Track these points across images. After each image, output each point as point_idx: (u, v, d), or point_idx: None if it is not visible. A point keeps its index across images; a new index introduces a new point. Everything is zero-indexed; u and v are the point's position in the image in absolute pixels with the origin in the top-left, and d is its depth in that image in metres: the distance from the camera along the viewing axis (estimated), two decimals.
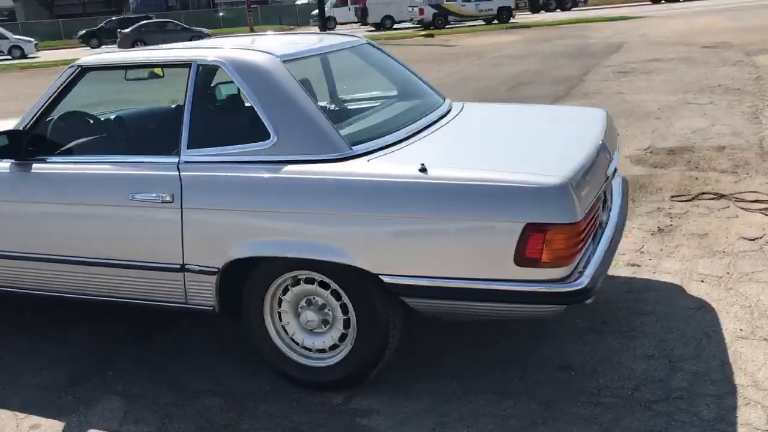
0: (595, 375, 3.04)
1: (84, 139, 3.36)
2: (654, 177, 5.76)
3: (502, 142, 3.33)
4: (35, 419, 2.99)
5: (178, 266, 3.06)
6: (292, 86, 3.02)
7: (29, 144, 3.31)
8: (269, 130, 2.95)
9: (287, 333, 3.07)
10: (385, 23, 35.01)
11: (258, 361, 3.16)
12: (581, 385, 2.97)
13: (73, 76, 3.33)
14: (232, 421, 2.90)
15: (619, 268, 4.08)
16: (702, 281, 3.83)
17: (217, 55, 3.15)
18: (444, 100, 3.92)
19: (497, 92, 10.76)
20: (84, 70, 3.34)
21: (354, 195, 2.79)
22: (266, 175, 2.90)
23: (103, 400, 3.10)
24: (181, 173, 3.01)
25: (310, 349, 3.05)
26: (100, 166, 3.19)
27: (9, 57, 32.07)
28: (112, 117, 3.81)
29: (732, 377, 2.93)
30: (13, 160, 3.31)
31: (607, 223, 3.23)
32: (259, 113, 2.97)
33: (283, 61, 3.14)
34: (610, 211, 3.37)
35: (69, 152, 3.32)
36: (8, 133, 3.26)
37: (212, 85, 3.80)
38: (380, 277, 2.77)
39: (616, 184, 3.70)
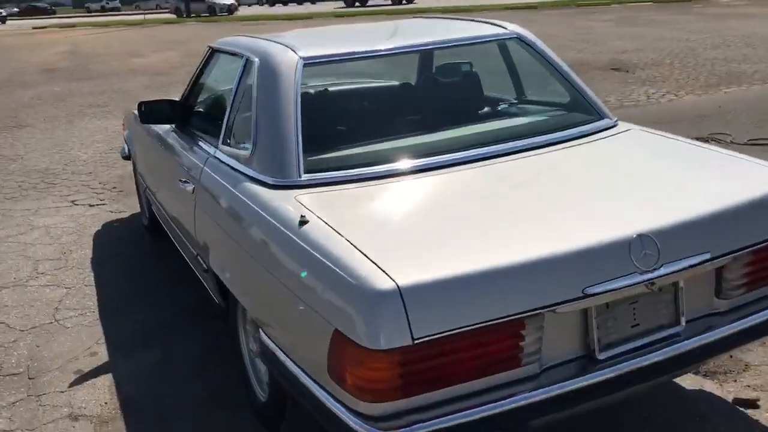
0: None
1: (199, 119, 3.60)
2: None
3: (506, 202, 2.38)
4: (99, 348, 3.54)
5: (195, 254, 3.16)
6: (287, 95, 2.70)
7: (183, 114, 3.71)
8: (252, 139, 2.74)
9: (252, 352, 2.92)
10: None
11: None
12: None
13: (207, 56, 3.59)
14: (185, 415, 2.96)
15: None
16: None
17: (255, 49, 2.99)
18: (600, 119, 2.96)
19: None
20: (213, 51, 3.56)
21: (249, 229, 2.46)
22: (222, 187, 2.75)
23: (151, 348, 3.48)
24: (203, 168, 3.04)
25: (262, 376, 2.85)
26: (184, 145, 3.42)
27: None
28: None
29: None
30: (173, 125, 3.79)
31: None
32: (252, 117, 2.78)
33: (305, 64, 2.81)
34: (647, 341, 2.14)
35: (189, 127, 3.61)
36: (168, 102, 3.72)
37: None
38: (260, 330, 2.41)
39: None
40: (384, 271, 1.87)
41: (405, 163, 2.59)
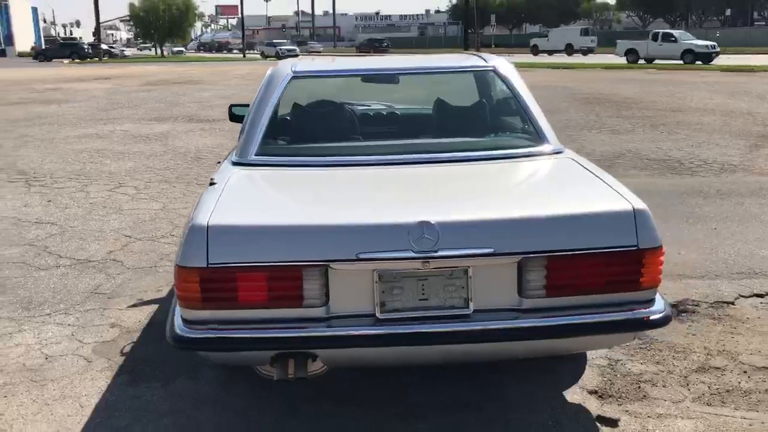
0: None
1: None
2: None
3: (361, 192, 2.96)
4: (165, 289, 4.55)
5: None
6: (268, 98, 3.46)
7: None
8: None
9: None
10: None
11: None
12: None
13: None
14: None
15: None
16: None
17: (276, 66, 3.79)
18: (542, 145, 3.29)
19: None
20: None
21: None
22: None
23: None
24: (230, 155, 3.90)
25: None
26: None
27: None
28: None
29: None
30: None
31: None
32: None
33: (294, 77, 3.55)
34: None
35: None
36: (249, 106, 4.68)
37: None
38: None
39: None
40: (210, 216, 2.54)
41: (330, 159, 3.21)
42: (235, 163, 3.26)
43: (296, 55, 48.22)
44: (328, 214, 2.60)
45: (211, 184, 2.94)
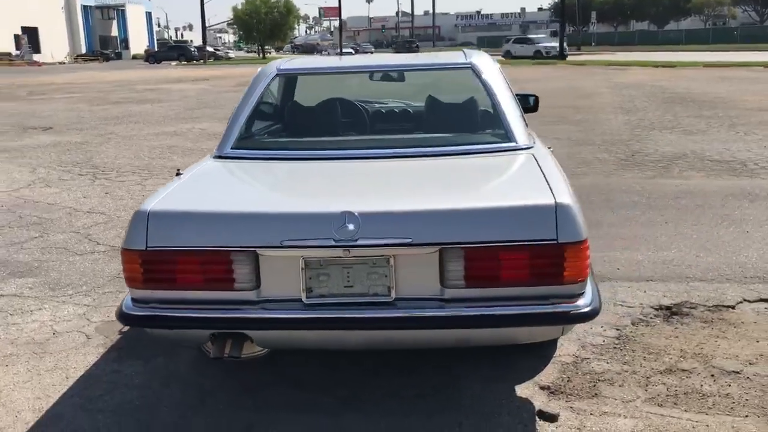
0: None
1: None
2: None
3: (307, 184, 3.07)
4: None
5: None
6: (252, 95, 3.65)
7: None
8: None
9: None
10: None
11: None
12: None
13: None
14: None
15: None
16: None
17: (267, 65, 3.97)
18: (508, 142, 3.32)
19: None
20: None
21: None
22: None
23: None
24: None
25: None
26: None
27: None
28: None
29: None
30: None
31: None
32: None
33: (278, 74, 3.72)
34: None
35: None
36: None
37: None
38: None
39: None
40: (154, 203, 2.74)
41: (296, 153, 3.37)
42: (214, 157, 3.46)
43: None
44: (258, 202, 2.75)
45: (177, 174, 3.14)
